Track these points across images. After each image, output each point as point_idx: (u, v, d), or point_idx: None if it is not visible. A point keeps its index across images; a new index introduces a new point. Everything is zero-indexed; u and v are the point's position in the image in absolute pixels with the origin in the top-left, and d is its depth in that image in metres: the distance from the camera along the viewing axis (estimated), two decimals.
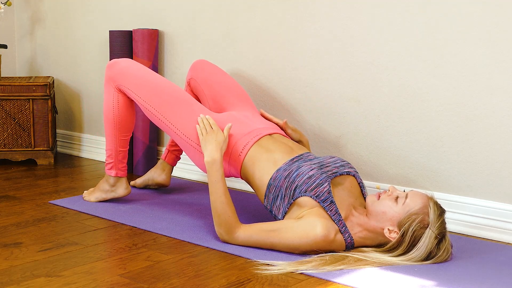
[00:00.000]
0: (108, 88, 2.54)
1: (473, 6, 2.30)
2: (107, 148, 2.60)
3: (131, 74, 2.50)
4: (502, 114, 2.29)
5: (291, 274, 1.94)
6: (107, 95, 2.55)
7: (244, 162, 2.30)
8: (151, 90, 2.44)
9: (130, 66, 2.53)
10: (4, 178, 3.11)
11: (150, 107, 2.44)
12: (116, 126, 2.56)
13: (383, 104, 2.55)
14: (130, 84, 2.49)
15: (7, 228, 2.35)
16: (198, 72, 2.73)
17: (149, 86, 2.45)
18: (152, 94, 2.44)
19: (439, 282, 1.89)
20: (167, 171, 2.84)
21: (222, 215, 2.16)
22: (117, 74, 2.51)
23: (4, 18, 3.81)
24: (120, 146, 2.59)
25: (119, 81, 2.51)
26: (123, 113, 2.54)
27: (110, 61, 2.57)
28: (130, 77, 2.49)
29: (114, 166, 2.61)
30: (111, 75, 2.52)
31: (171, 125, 2.40)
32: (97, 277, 1.90)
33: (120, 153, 2.60)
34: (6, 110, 3.34)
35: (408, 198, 2.04)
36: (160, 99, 2.42)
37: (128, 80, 2.49)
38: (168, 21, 3.20)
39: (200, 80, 2.70)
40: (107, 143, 2.60)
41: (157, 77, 2.50)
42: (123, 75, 2.50)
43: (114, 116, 2.54)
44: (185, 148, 2.41)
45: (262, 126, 2.40)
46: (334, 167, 2.20)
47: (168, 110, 2.40)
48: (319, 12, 2.68)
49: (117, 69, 2.52)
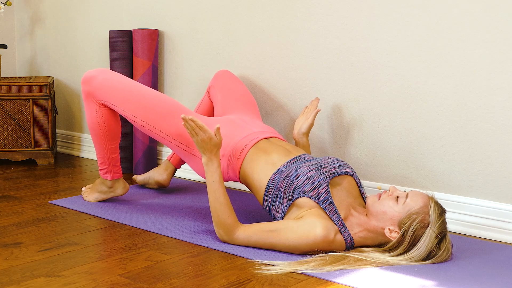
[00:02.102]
0: (89, 103, 2.47)
1: (473, 6, 2.30)
2: (98, 156, 2.58)
3: (112, 88, 2.42)
4: (502, 114, 2.29)
5: (291, 274, 1.94)
6: (88, 109, 2.48)
7: (243, 165, 2.30)
8: (136, 103, 2.38)
9: (108, 78, 2.44)
10: (4, 178, 3.11)
11: (139, 120, 2.39)
12: (104, 137, 2.51)
13: (383, 104, 2.55)
14: (113, 99, 2.41)
15: (7, 228, 2.35)
16: (218, 80, 2.77)
17: (134, 98, 2.39)
18: (138, 106, 2.38)
19: (439, 282, 1.89)
20: (169, 172, 2.84)
21: (221, 215, 2.16)
22: (97, 89, 2.43)
23: (4, 18, 3.81)
24: (111, 153, 2.57)
25: (100, 97, 2.43)
26: (108, 124, 2.49)
27: (86, 75, 2.46)
28: (112, 91, 2.41)
29: (109, 171, 2.60)
30: (90, 90, 2.44)
31: (165, 134, 2.37)
32: (97, 277, 1.90)
33: (112, 159, 2.58)
34: (6, 110, 3.34)
35: (409, 198, 2.04)
36: (147, 110, 2.37)
37: (110, 95, 2.41)
38: (168, 21, 3.20)
39: (217, 87, 2.74)
40: (97, 152, 2.57)
41: (140, 87, 2.43)
42: (103, 90, 2.42)
43: (100, 128, 2.49)
44: (183, 156, 2.40)
45: (259, 130, 2.40)
46: (332, 167, 2.20)
47: (159, 120, 2.36)
48: (319, 12, 2.68)
49: (95, 84, 2.43)
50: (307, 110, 2.63)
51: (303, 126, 2.57)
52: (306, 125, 2.57)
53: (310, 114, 2.59)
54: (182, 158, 2.42)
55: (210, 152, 2.16)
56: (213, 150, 2.16)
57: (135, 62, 3.15)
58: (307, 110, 2.63)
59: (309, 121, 2.57)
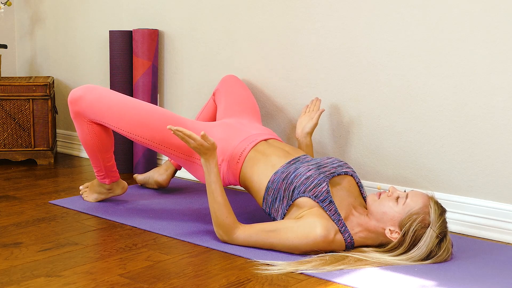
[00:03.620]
0: (80, 122, 2.43)
1: (473, 6, 2.30)
2: (94, 166, 2.56)
3: (103, 107, 2.37)
4: (502, 114, 2.29)
5: (291, 274, 1.94)
6: (80, 127, 2.45)
7: (243, 168, 2.30)
8: (131, 120, 2.35)
9: (97, 98, 2.38)
10: (4, 178, 3.11)
11: (137, 136, 2.36)
12: (98, 151, 2.50)
13: (383, 104, 2.55)
14: (105, 119, 2.37)
15: (7, 228, 2.35)
16: (224, 85, 2.78)
17: (127, 116, 2.35)
18: (134, 123, 2.35)
19: (439, 282, 1.89)
20: (169, 173, 2.84)
21: (219, 215, 2.16)
22: (87, 110, 2.38)
23: (4, 18, 3.81)
24: (106, 162, 2.55)
25: (91, 117, 2.40)
26: (102, 139, 2.47)
27: (72, 96, 2.40)
28: (103, 110, 2.37)
29: (106, 176, 2.59)
30: (80, 110, 2.39)
31: (163, 147, 2.36)
32: (97, 277, 1.90)
33: (108, 167, 2.57)
34: (6, 110, 3.34)
35: (409, 198, 2.04)
36: (143, 126, 2.34)
37: (102, 115, 2.38)
38: (168, 21, 3.20)
39: (222, 91, 2.75)
40: (93, 163, 2.55)
41: (130, 102, 2.38)
42: (94, 110, 2.38)
43: (94, 145, 2.47)
44: (184, 164, 2.40)
45: (257, 132, 2.40)
46: (332, 167, 2.20)
47: (155, 133, 2.34)
48: (319, 12, 2.68)
49: (85, 105, 2.38)
50: (309, 109, 2.63)
51: (307, 126, 2.57)
52: (310, 124, 2.57)
53: (314, 114, 2.59)
54: (183, 166, 2.43)
55: (205, 154, 2.17)
56: (207, 153, 2.16)
57: (135, 62, 3.15)
58: (309, 109, 2.63)
59: (313, 121, 2.57)
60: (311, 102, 2.65)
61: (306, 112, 2.63)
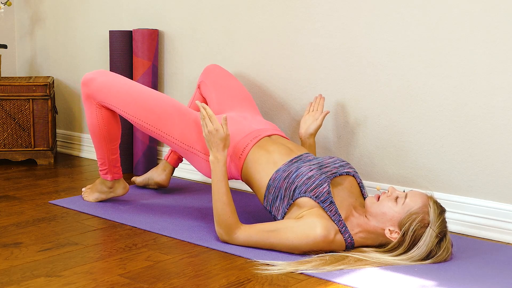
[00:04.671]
0: (89, 105, 2.46)
1: (473, 6, 2.30)
2: (98, 157, 2.58)
3: (112, 90, 2.41)
4: (502, 114, 2.29)
5: (291, 274, 1.94)
6: (89, 111, 2.47)
7: (245, 164, 2.30)
8: (137, 104, 2.37)
9: (108, 80, 2.43)
10: (4, 178, 3.11)
11: (140, 121, 2.38)
12: (104, 139, 2.51)
13: (383, 104, 2.55)
14: (114, 101, 2.41)
15: (7, 228, 2.35)
16: (209, 76, 2.74)
17: (134, 100, 2.38)
18: (139, 107, 2.37)
19: (439, 282, 1.89)
20: (167, 172, 2.84)
21: (222, 214, 2.16)
22: (97, 91, 2.42)
23: (4, 18, 3.81)
24: (111, 154, 2.57)
25: (100, 99, 2.43)
26: (109, 126, 2.49)
27: (85, 77, 2.45)
28: (113, 93, 2.41)
29: (109, 171, 2.60)
30: (89, 92, 2.44)
31: (166, 135, 2.37)
32: (97, 277, 1.90)
33: (112, 160, 2.58)
34: (6, 110, 3.34)
35: (408, 198, 2.04)
36: (148, 111, 2.36)
37: (110, 97, 2.41)
38: (168, 21, 3.20)
39: (209, 83, 2.72)
40: (97, 153, 2.57)
41: (140, 88, 2.42)
42: (103, 92, 2.42)
43: (100, 130, 2.49)
44: (186, 155, 2.40)
45: (260, 128, 2.40)
46: (334, 167, 2.20)
47: (160, 121, 2.36)
48: (319, 12, 2.68)
49: (95, 86, 2.42)
50: (313, 109, 2.61)
51: (311, 127, 2.56)
52: (314, 126, 2.56)
53: (318, 115, 2.58)
54: (184, 157, 2.42)
55: (216, 148, 2.17)
56: (219, 146, 2.17)
57: (135, 62, 3.15)
58: (313, 109, 2.61)
59: (317, 123, 2.56)
60: (314, 100, 2.64)
61: (310, 112, 2.62)
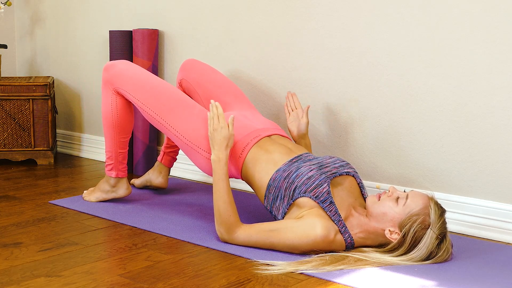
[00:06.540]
0: (106, 91, 2.53)
1: (473, 6, 2.30)
2: (107, 150, 2.60)
3: (129, 76, 2.48)
4: (502, 114, 2.29)
5: (291, 274, 1.94)
6: (105, 97, 2.54)
7: (245, 163, 2.30)
8: (150, 93, 2.43)
9: (127, 68, 2.51)
10: (4, 178, 3.11)
11: (150, 110, 2.43)
12: (115, 128, 2.55)
13: (383, 104, 2.55)
14: (128, 87, 2.47)
15: (7, 228, 2.35)
16: (189, 73, 2.71)
17: (148, 89, 2.44)
18: (151, 97, 2.43)
19: (439, 282, 1.89)
20: (164, 174, 2.84)
21: (223, 214, 2.16)
22: (115, 76, 2.49)
23: (4, 18, 3.81)
24: (120, 147, 2.59)
25: (116, 84, 2.49)
26: (122, 116, 2.54)
27: (107, 63, 2.55)
28: (128, 79, 2.47)
29: (114, 167, 2.61)
30: (108, 77, 2.51)
31: (172, 128, 2.39)
32: (97, 277, 1.90)
33: (120, 155, 2.60)
34: (6, 110, 3.34)
35: (409, 199, 2.04)
36: (159, 102, 2.41)
37: (126, 83, 2.48)
38: (168, 21, 3.20)
39: (191, 80, 2.69)
40: (107, 145, 2.59)
41: (156, 79, 2.48)
42: (120, 78, 2.49)
43: (113, 118, 2.54)
44: (186, 151, 2.40)
45: (261, 127, 2.39)
46: (334, 167, 2.20)
47: (168, 113, 2.40)
48: (319, 12, 2.68)
49: (114, 72, 2.50)
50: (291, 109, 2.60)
51: (301, 127, 2.56)
52: (303, 124, 2.56)
53: (301, 112, 2.58)
54: (185, 153, 2.43)
55: (219, 146, 2.18)
56: (222, 144, 2.18)
57: (135, 62, 3.15)
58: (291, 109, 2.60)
59: (305, 120, 2.56)
60: (287, 99, 2.62)
61: (291, 113, 2.61)
